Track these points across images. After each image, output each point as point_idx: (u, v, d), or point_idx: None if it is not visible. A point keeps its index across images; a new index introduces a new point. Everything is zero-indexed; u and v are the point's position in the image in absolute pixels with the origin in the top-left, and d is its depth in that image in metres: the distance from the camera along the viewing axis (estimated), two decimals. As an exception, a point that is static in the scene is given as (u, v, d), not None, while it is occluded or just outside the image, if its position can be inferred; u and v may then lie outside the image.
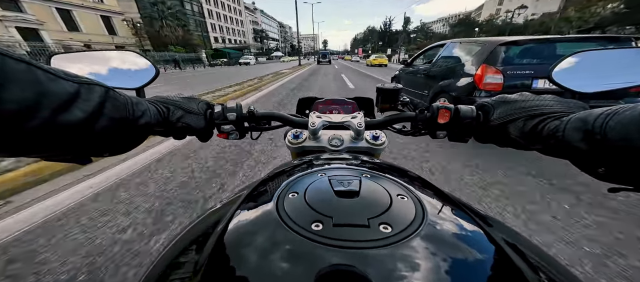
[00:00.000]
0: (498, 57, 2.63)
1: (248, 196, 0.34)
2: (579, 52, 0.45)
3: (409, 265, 0.20)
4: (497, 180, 2.03)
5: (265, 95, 6.98)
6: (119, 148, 0.33)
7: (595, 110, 0.27)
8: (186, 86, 10.40)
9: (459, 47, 3.43)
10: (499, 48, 2.64)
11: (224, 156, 2.67)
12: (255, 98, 6.62)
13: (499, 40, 2.71)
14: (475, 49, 2.98)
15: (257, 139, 0.59)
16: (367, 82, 10.18)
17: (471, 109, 0.44)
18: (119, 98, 0.30)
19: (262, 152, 2.74)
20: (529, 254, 0.26)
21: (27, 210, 1.74)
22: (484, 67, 2.66)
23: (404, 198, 0.29)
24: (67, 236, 1.48)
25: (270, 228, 0.25)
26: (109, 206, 1.77)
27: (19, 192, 1.94)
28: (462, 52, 3.29)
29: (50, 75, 0.22)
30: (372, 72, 16.54)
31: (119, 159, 2.50)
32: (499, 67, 2.58)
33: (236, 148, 2.85)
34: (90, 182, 2.09)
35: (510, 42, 2.63)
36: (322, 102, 0.81)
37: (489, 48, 2.73)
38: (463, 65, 3.06)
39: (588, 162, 0.28)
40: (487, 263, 0.22)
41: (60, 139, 0.23)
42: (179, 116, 0.42)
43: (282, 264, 0.21)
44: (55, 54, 0.45)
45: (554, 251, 1.32)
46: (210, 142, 2.96)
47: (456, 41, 3.60)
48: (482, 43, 2.92)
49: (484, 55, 2.74)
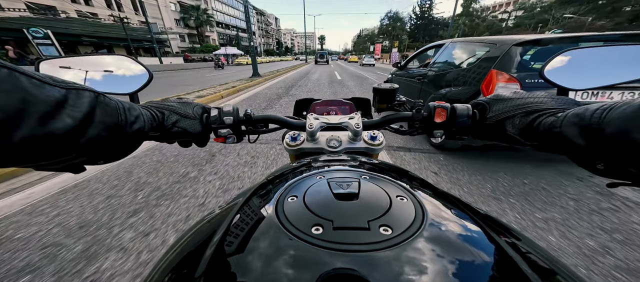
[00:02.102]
0: (513, 60, 2.05)
1: (247, 201, 0.33)
2: (571, 50, 0.47)
3: (410, 267, 0.20)
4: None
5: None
6: (112, 155, 0.32)
7: (591, 105, 0.27)
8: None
9: (462, 47, 2.84)
10: (514, 49, 2.06)
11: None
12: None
13: (514, 39, 2.11)
14: (483, 51, 2.38)
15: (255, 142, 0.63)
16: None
17: (467, 107, 0.45)
18: (110, 103, 0.29)
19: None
20: (530, 254, 0.25)
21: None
22: (494, 73, 2.08)
23: (403, 199, 0.29)
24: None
25: (271, 233, 0.25)
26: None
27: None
28: (466, 54, 2.71)
29: (35, 81, 0.21)
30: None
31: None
32: (513, 74, 2.00)
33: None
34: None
35: (530, 41, 2.03)
36: (320, 104, 0.80)
37: (501, 49, 2.14)
38: (466, 70, 2.48)
39: (586, 157, 0.28)
40: (488, 263, 0.22)
41: (49, 148, 0.22)
42: (174, 121, 0.42)
43: (283, 269, 0.21)
44: (43, 59, 0.44)
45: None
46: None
47: (458, 41, 3.01)
48: (491, 43, 2.32)
49: (494, 58, 2.16)
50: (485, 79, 2.15)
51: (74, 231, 1.51)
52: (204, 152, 2.71)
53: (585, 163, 0.29)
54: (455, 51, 2.91)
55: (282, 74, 14.47)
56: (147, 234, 1.48)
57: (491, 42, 2.33)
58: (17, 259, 1.30)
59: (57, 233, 1.50)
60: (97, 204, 1.79)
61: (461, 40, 2.97)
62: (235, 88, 7.38)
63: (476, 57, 2.45)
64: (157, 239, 1.42)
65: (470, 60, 2.55)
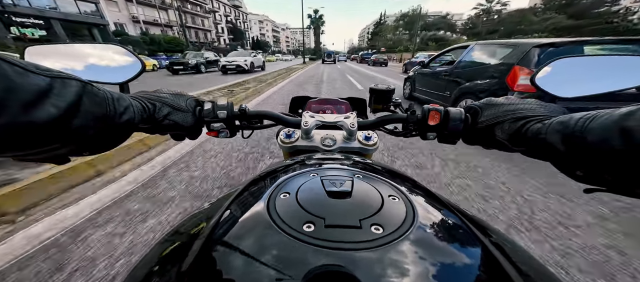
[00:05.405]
0: (532, 59, 2.65)
1: (238, 196, 0.33)
2: (562, 58, 0.46)
3: (399, 266, 0.21)
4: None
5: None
6: (99, 146, 0.31)
7: (575, 114, 0.28)
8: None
9: (486, 49, 3.43)
10: (533, 50, 2.66)
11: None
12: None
13: (533, 42, 2.71)
14: (506, 51, 2.98)
15: (249, 137, 0.60)
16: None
17: (460, 111, 0.45)
18: (98, 93, 0.28)
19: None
20: (516, 257, 0.26)
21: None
22: (517, 68, 2.67)
23: (395, 199, 0.29)
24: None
25: (261, 229, 0.25)
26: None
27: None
28: (491, 54, 3.30)
29: (17, 68, 0.20)
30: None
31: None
32: (533, 69, 2.60)
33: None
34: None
35: (546, 44, 2.63)
36: (316, 102, 0.80)
37: (523, 50, 2.73)
38: (493, 67, 3.07)
39: (567, 164, 0.29)
40: (474, 265, 0.23)
41: (33, 138, 0.22)
42: (165, 113, 0.41)
43: (273, 265, 0.21)
44: (29, 46, 0.43)
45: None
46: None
47: (482, 43, 3.60)
48: (514, 45, 2.92)
49: (517, 57, 2.75)
50: (509, 73, 2.75)
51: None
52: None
53: (566, 169, 0.29)
54: (481, 51, 3.50)
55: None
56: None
57: (514, 44, 2.94)
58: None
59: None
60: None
61: (485, 42, 3.56)
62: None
63: (500, 56, 3.05)
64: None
65: (495, 59, 3.14)
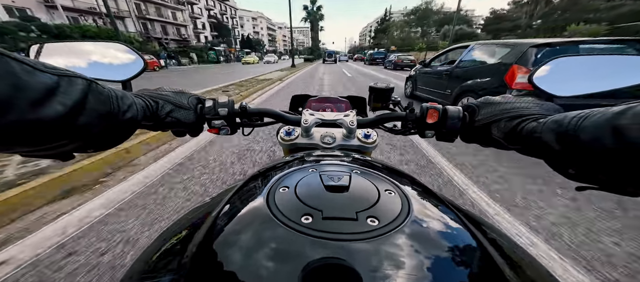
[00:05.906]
0: (529, 58, 2.78)
1: (239, 190, 0.34)
2: (559, 57, 0.47)
3: (394, 256, 0.21)
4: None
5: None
6: (103, 144, 0.31)
7: (569, 113, 0.29)
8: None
9: (485, 49, 3.57)
10: (530, 50, 2.79)
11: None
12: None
13: (530, 42, 2.85)
14: (505, 51, 3.12)
15: (249, 135, 0.61)
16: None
17: (458, 109, 0.46)
18: (102, 91, 0.28)
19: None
20: (508, 251, 0.27)
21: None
22: (515, 67, 2.80)
23: (391, 193, 0.30)
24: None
25: (261, 221, 0.25)
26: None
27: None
28: (490, 54, 3.43)
29: (26, 66, 0.21)
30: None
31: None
32: (530, 68, 2.73)
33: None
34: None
35: (543, 44, 2.77)
36: (316, 100, 0.82)
37: (521, 49, 2.87)
38: (492, 66, 3.21)
39: (560, 162, 0.29)
40: (467, 258, 0.23)
41: (40, 135, 0.22)
42: (168, 111, 0.42)
43: (271, 256, 0.21)
44: (35, 44, 0.44)
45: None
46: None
47: (481, 43, 3.74)
48: (512, 45, 3.06)
49: (515, 56, 2.88)
50: (508, 71, 2.88)
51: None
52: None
53: (559, 167, 0.30)
54: (480, 51, 3.64)
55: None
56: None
57: (512, 44, 3.08)
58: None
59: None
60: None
61: (485, 42, 3.71)
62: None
63: (499, 56, 3.19)
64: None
65: (494, 59, 3.28)
